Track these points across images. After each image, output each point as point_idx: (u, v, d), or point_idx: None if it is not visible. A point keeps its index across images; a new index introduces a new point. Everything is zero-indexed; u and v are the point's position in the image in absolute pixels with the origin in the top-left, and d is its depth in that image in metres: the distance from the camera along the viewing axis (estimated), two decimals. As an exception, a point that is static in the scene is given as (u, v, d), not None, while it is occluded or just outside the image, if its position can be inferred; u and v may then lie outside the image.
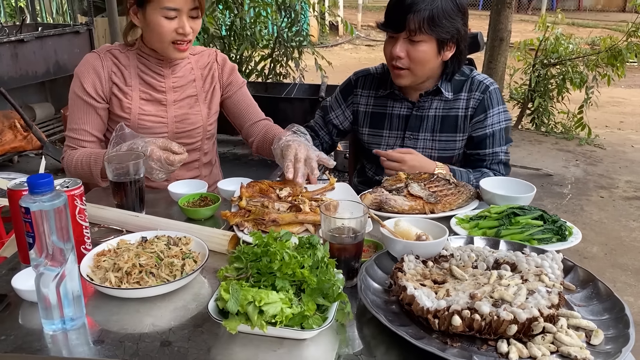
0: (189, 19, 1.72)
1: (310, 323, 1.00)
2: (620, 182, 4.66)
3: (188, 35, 1.73)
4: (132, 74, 1.84)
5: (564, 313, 1.07)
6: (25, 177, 1.26)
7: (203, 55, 1.97)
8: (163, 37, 1.72)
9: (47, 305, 1.04)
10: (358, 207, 1.23)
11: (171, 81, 1.87)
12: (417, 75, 1.78)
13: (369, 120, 1.99)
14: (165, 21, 1.70)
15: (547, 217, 1.42)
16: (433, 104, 1.88)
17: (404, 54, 1.73)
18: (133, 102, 1.83)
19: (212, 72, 1.96)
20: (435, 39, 1.71)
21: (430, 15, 1.67)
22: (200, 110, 1.92)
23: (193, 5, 1.71)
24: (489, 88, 1.86)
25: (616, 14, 15.48)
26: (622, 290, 3.04)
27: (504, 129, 1.89)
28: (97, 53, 1.84)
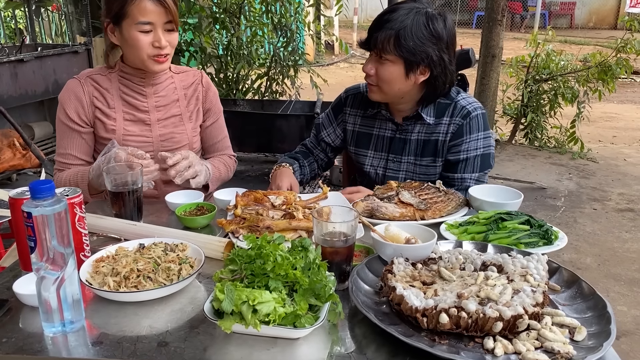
0: (164, 32, 1.75)
1: (302, 322, 1.04)
2: (613, 194, 4.72)
3: (164, 48, 1.76)
4: (115, 96, 1.87)
5: (548, 311, 1.11)
6: (26, 187, 1.30)
7: (188, 74, 2.00)
8: (141, 51, 1.75)
9: (48, 308, 1.08)
10: (349, 212, 1.27)
11: (154, 100, 1.90)
12: (386, 93, 1.79)
13: (355, 139, 2.01)
14: (141, 35, 1.73)
15: (533, 222, 1.46)
16: (415, 127, 1.88)
17: (373, 72, 1.76)
18: (117, 123, 1.86)
19: (196, 93, 1.98)
20: (402, 60, 1.69)
21: (397, 35, 1.67)
22: (185, 129, 1.95)
23: (167, 19, 1.73)
24: (471, 114, 1.82)
25: (608, 31, 15.70)
26: (616, 300, 3.07)
27: (481, 156, 1.85)
28: (77, 79, 1.87)
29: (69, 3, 5.62)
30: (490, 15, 5.59)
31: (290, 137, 4.75)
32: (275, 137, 4.86)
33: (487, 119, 1.91)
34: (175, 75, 1.97)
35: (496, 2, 5.50)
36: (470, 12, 17.67)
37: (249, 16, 5.65)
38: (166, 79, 1.93)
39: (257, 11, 5.71)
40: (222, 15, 5.52)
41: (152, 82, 1.89)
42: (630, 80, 9.99)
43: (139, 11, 1.71)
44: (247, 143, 4.93)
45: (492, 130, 1.96)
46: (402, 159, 1.92)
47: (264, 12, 5.63)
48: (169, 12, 1.73)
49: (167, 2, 1.72)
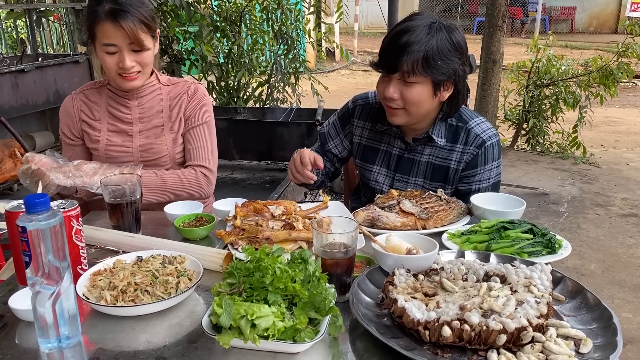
0: (130, 52, 1.77)
1: (302, 336, 1.02)
2: (616, 199, 4.69)
3: (129, 69, 1.78)
4: (102, 108, 1.95)
5: (553, 323, 1.09)
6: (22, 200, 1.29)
7: (178, 85, 1.99)
8: (109, 70, 1.81)
9: (43, 323, 1.06)
10: (350, 223, 1.25)
11: (137, 112, 1.94)
12: (412, 115, 1.70)
13: (361, 152, 1.94)
14: (107, 57, 1.78)
15: (536, 231, 1.44)
16: (426, 149, 1.82)
17: (398, 95, 1.66)
18: (101, 134, 1.93)
19: (180, 102, 1.96)
20: (431, 80, 1.62)
21: (425, 56, 1.59)
22: (165, 140, 1.94)
23: (129, 41, 1.74)
24: (486, 143, 1.77)
25: (608, 36, 15.73)
26: (621, 306, 3.04)
27: (492, 185, 1.83)
28: (72, 96, 1.98)
29: (70, 13, 5.63)
30: (490, 21, 5.59)
31: (292, 145, 4.74)
32: (276, 145, 4.86)
33: (500, 145, 1.85)
34: (164, 87, 1.98)
35: (497, 8, 5.50)
36: (471, 17, 17.71)
37: (249, 24, 5.66)
38: (152, 91, 1.95)
39: (258, 19, 5.72)
40: (223, 23, 5.53)
41: (137, 95, 1.93)
42: (632, 85, 9.98)
43: (102, 33, 1.75)
44: (248, 151, 4.92)
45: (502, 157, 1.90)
46: (410, 179, 1.86)
47: (265, 20, 5.64)
48: (130, 36, 1.73)
49: (125, 26, 1.72)
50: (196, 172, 1.93)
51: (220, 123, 4.76)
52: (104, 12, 1.72)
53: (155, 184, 1.85)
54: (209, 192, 1.97)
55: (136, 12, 1.74)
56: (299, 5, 5.93)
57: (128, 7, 1.73)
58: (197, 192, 1.92)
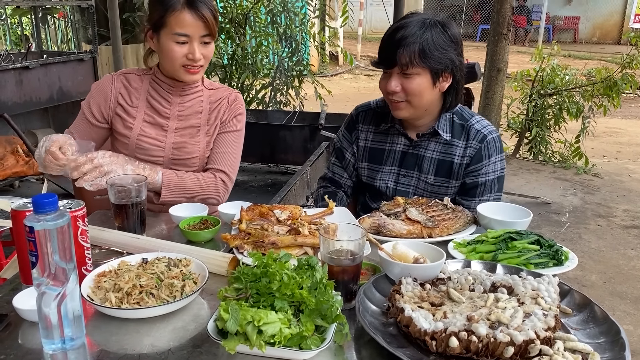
0: (200, 44, 1.78)
1: (308, 344, 1.01)
2: (618, 210, 4.68)
3: (198, 61, 1.79)
4: (141, 96, 1.92)
5: (560, 336, 1.08)
6: (28, 199, 1.28)
7: (219, 91, 2.00)
8: (174, 61, 1.79)
9: (48, 324, 1.05)
10: (356, 229, 1.25)
11: (177, 109, 1.92)
12: (416, 107, 1.77)
13: (367, 155, 1.98)
14: (176, 46, 1.76)
15: (543, 242, 1.43)
16: (430, 145, 1.87)
17: (399, 88, 1.73)
18: (136, 122, 1.89)
19: (219, 107, 1.97)
20: (429, 70, 1.70)
21: (421, 47, 1.67)
22: (199, 141, 1.93)
23: (204, 32, 1.76)
24: (487, 137, 1.83)
25: (612, 46, 15.75)
26: (622, 318, 3.03)
27: (497, 179, 1.87)
28: (112, 75, 1.94)
29: (75, 11, 5.64)
30: (495, 29, 5.59)
31: (294, 148, 4.75)
32: (278, 148, 4.86)
33: (501, 141, 1.90)
34: (206, 90, 1.97)
35: (502, 17, 5.50)
36: (474, 25, 17.75)
37: (254, 26, 5.68)
38: (195, 92, 1.94)
39: (263, 22, 5.74)
40: (228, 25, 5.54)
41: (181, 92, 1.91)
42: (634, 96, 9.99)
43: (177, 23, 1.74)
44: (251, 153, 4.92)
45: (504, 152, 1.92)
46: (414, 174, 1.90)
47: (270, 22, 5.65)
48: (207, 26, 1.75)
49: (206, 16, 1.74)
50: (215, 177, 1.91)
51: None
52: (183, 2, 1.73)
53: (175, 185, 1.83)
54: (224, 199, 1.94)
55: (209, 4, 1.76)
56: (304, 9, 5.94)
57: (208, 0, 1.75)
58: (213, 197, 1.90)
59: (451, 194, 1.88)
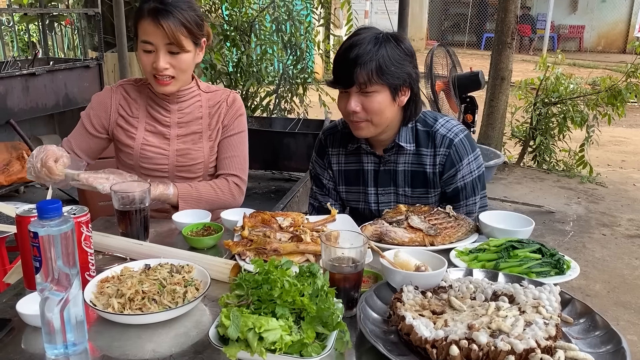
0: (167, 54, 1.75)
1: (309, 351, 1.01)
2: (623, 220, 4.67)
3: (162, 70, 1.76)
4: (141, 106, 1.92)
5: (561, 345, 1.08)
6: (33, 205, 1.29)
7: (217, 94, 1.99)
8: (144, 70, 1.80)
9: (51, 329, 1.06)
10: (358, 237, 1.25)
11: (177, 116, 1.92)
12: (377, 125, 1.72)
13: (343, 178, 1.95)
14: (143, 55, 1.77)
15: (545, 251, 1.43)
16: (400, 158, 1.84)
17: (360, 108, 1.68)
18: (138, 132, 1.91)
19: (219, 111, 1.96)
20: (387, 86, 1.66)
21: (377, 65, 1.63)
22: (202, 147, 1.94)
23: (167, 41, 1.73)
24: (454, 141, 1.79)
25: (617, 55, 15.74)
26: (626, 329, 3.02)
27: (477, 178, 1.84)
28: (112, 87, 1.96)
29: (82, 18, 5.69)
30: (500, 38, 5.61)
31: (298, 155, 4.76)
32: (282, 155, 4.87)
33: (472, 138, 1.86)
34: (203, 94, 1.97)
35: (506, 25, 5.52)
36: (479, 33, 17.78)
37: (259, 34, 5.70)
38: (192, 97, 1.94)
39: (268, 30, 5.76)
40: (233, 33, 5.57)
41: (178, 99, 1.91)
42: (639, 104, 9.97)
43: (142, 30, 1.75)
44: (255, 160, 4.89)
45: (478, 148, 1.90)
46: (391, 190, 1.88)
47: (275, 30, 5.68)
48: (168, 36, 1.72)
49: (167, 25, 1.71)
50: (228, 182, 1.94)
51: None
52: (147, 10, 1.73)
53: (190, 196, 1.84)
54: (240, 201, 1.97)
55: (179, 14, 1.73)
56: (309, 17, 5.97)
57: (172, 7, 1.73)
58: (229, 201, 1.92)
59: (434, 202, 1.86)
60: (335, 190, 2.00)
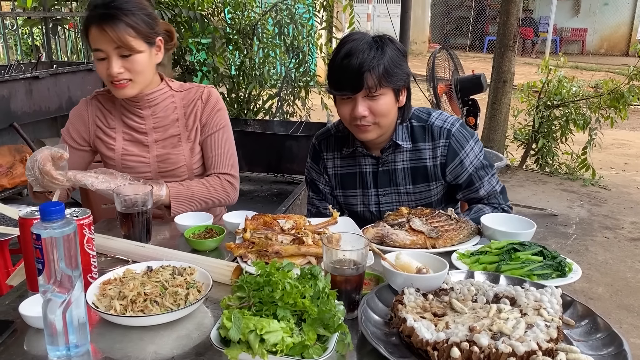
0: (118, 58, 1.71)
1: (310, 353, 1.02)
2: (626, 223, 4.66)
3: (117, 75, 1.72)
4: (116, 116, 1.91)
5: (563, 347, 1.08)
6: (36, 207, 1.30)
7: (190, 91, 1.94)
8: (102, 78, 1.77)
9: (53, 331, 1.06)
10: (359, 239, 1.25)
11: (152, 122, 1.89)
12: (383, 127, 1.74)
13: (340, 182, 1.95)
14: (98, 63, 1.74)
15: (546, 253, 1.43)
16: (397, 156, 1.85)
17: (368, 112, 1.69)
18: (117, 143, 1.89)
19: (195, 109, 1.92)
20: (392, 88, 1.70)
21: (385, 68, 1.65)
22: (182, 149, 1.91)
23: (116, 45, 1.69)
24: (452, 131, 1.81)
25: (619, 58, 15.72)
26: (629, 332, 3.01)
27: (483, 159, 1.86)
28: (87, 99, 1.95)
29: (85, 22, 5.72)
30: (502, 41, 5.61)
31: (300, 158, 4.75)
32: (285, 158, 4.87)
33: (466, 126, 1.88)
34: (176, 94, 1.93)
35: (508, 28, 5.53)
36: (481, 36, 17.79)
37: (261, 37, 5.71)
38: (165, 99, 1.90)
39: (270, 33, 5.77)
40: (236, 36, 5.59)
41: (149, 104, 1.88)
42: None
43: (91, 38, 1.72)
44: (257, 163, 4.93)
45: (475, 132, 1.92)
46: (392, 190, 1.88)
47: (277, 34, 5.69)
48: (114, 39, 1.68)
49: (108, 30, 1.66)
50: (221, 179, 1.91)
51: (230, 135, 4.80)
52: (92, 17, 1.69)
53: (183, 195, 1.82)
54: (235, 198, 1.95)
55: (123, 16, 1.68)
56: (311, 20, 5.98)
57: (115, 11, 1.68)
58: (223, 199, 1.91)
59: (436, 195, 1.88)
60: (332, 195, 1.99)
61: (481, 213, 1.78)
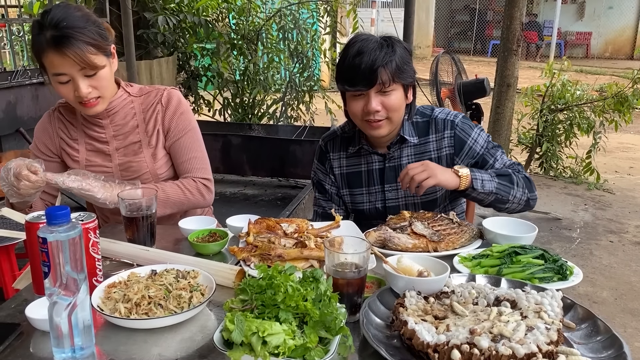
0: (84, 79, 1.66)
1: (312, 355, 1.03)
2: (630, 227, 4.64)
3: (87, 95, 1.68)
4: (78, 128, 1.90)
5: (563, 350, 1.08)
6: (42, 212, 1.32)
7: (149, 95, 1.91)
8: (68, 100, 1.74)
9: (59, 333, 1.08)
10: (361, 243, 1.27)
11: (112, 130, 1.88)
12: (394, 122, 1.79)
13: (346, 181, 1.98)
14: (61, 87, 1.67)
15: (548, 257, 1.44)
16: (403, 152, 1.89)
17: (380, 107, 1.73)
18: (80, 154, 1.89)
19: (155, 114, 1.89)
20: (402, 84, 1.75)
21: (396, 65, 1.71)
22: (144, 156, 1.88)
23: (79, 67, 1.63)
24: (455, 121, 1.87)
25: (624, 62, 15.70)
26: (633, 335, 3.00)
27: (491, 140, 1.91)
28: (49, 112, 1.93)
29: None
30: (505, 45, 5.62)
31: (304, 162, 4.77)
32: (288, 162, 4.89)
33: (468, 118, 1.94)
34: (135, 99, 1.90)
35: (512, 32, 5.53)
36: (486, 40, 17.80)
37: (266, 43, 5.75)
38: (124, 106, 1.87)
39: (274, 38, 5.81)
40: (240, 41, 5.62)
41: (107, 113, 1.85)
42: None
43: (50, 64, 1.64)
44: (261, 167, 4.96)
45: None
46: (399, 185, 1.89)
47: (281, 39, 5.73)
48: (77, 62, 1.61)
49: (70, 53, 1.59)
50: (196, 182, 1.89)
51: (234, 139, 4.84)
52: (45, 41, 1.59)
53: (164, 199, 1.81)
54: (210, 200, 1.93)
55: (80, 35, 1.60)
56: (315, 25, 6.01)
57: (70, 31, 1.59)
58: (199, 202, 1.90)
59: (441, 189, 1.89)
60: (338, 196, 2.02)
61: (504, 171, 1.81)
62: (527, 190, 1.81)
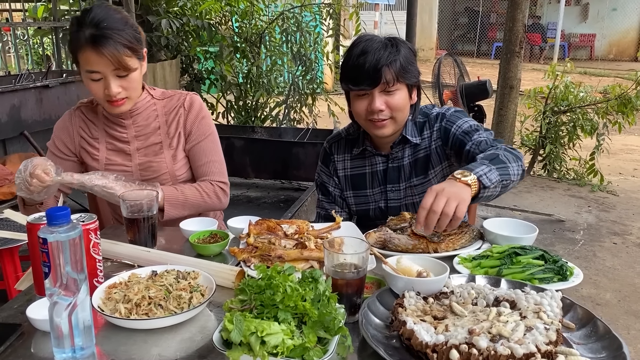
0: (115, 78, 1.72)
1: (311, 355, 1.03)
2: (634, 228, 4.63)
3: (116, 95, 1.74)
4: (99, 127, 1.93)
5: (562, 350, 1.08)
6: (43, 213, 1.33)
7: (172, 99, 1.96)
8: (96, 97, 1.79)
9: (59, 334, 1.08)
10: (361, 243, 1.27)
11: (133, 131, 1.91)
12: (399, 121, 1.80)
13: (350, 183, 1.99)
14: (92, 84, 1.73)
15: (548, 257, 1.44)
16: (405, 152, 1.90)
17: (384, 106, 1.74)
18: (100, 153, 1.92)
19: (177, 117, 1.94)
20: (406, 84, 1.76)
21: (401, 64, 1.72)
22: (164, 157, 1.92)
23: (114, 67, 1.69)
24: (445, 115, 1.89)
25: (628, 63, 15.64)
26: (637, 338, 2.99)
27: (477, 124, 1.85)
28: (70, 111, 1.96)
29: (95, 31, 5.79)
30: (508, 47, 5.62)
31: (307, 165, 4.78)
32: (291, 165, 4.89)
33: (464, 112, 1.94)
34: (158, 102, 1.95)
35: (514, 34, 5.53)
36: (489, 42, 17.78)
37: (269, 46, 5.76)
38: (147, 107, 1.92)
39: (277, 41, 5.82)
40: (243, 44, 5.64)
41: (130, 113, 1.89)
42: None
43: (85, 61, 1.70)
44: (264, 170, 4.96)
45: None
46: (400, 186, 1.92)
47: (284, 42, 5.74)
48: (114, 62, 1.68)
49: (107, 53, 1.65)
50: (214, 185, 1.94)
51: (237, 142, 4.85)
52: (84, 39, 1.66)
53: (176, 199, 1.84)
54: (226, 203, 1.98)
55: (118, 37, 1.67)
56: (318, 28, 6.02)
57: (109, 32, 1.66)
58: (215, 204, 1.93)
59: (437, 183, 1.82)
60: (342, 198, 2.02)
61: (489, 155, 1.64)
62: (519, 161, 1.66)
